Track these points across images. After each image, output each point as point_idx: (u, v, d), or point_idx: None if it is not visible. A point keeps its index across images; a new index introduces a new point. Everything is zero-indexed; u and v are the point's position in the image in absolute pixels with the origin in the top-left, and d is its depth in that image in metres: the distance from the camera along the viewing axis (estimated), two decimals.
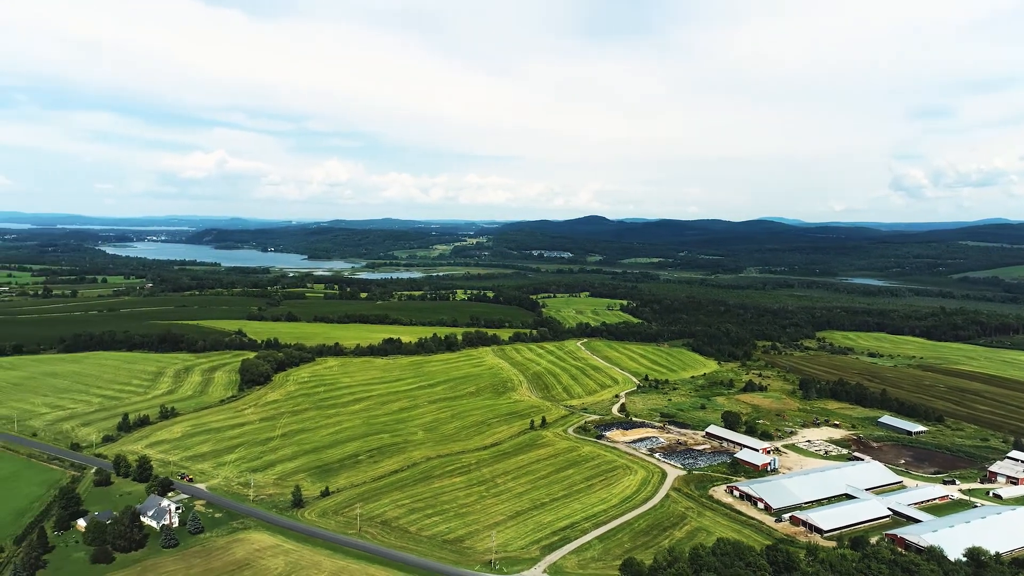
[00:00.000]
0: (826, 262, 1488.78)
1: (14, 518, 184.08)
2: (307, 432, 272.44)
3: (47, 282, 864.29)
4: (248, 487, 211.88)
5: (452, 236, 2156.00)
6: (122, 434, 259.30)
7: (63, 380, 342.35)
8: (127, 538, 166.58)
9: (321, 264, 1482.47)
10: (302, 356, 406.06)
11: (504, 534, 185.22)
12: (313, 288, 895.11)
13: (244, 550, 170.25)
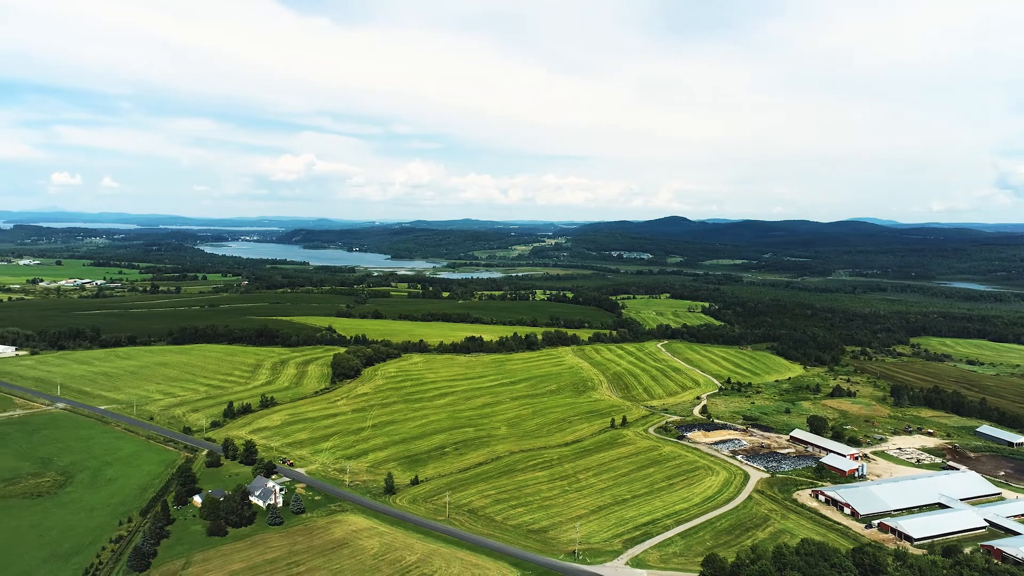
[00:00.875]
0: (923, 265, 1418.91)
1: (138, 492, 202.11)
2: (396, 424, 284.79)
3: (154, 279, 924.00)
4: (343, 473, 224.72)
5: (531, 237, 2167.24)
6: (227, 420, 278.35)
7: (173, 370, 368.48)
8: (238, 514, 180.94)
9: (404, 264, 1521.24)
10: (389, 352, 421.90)
11: (587, 527, 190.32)
12: (397, 287, 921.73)
13: (342, 530, 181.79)
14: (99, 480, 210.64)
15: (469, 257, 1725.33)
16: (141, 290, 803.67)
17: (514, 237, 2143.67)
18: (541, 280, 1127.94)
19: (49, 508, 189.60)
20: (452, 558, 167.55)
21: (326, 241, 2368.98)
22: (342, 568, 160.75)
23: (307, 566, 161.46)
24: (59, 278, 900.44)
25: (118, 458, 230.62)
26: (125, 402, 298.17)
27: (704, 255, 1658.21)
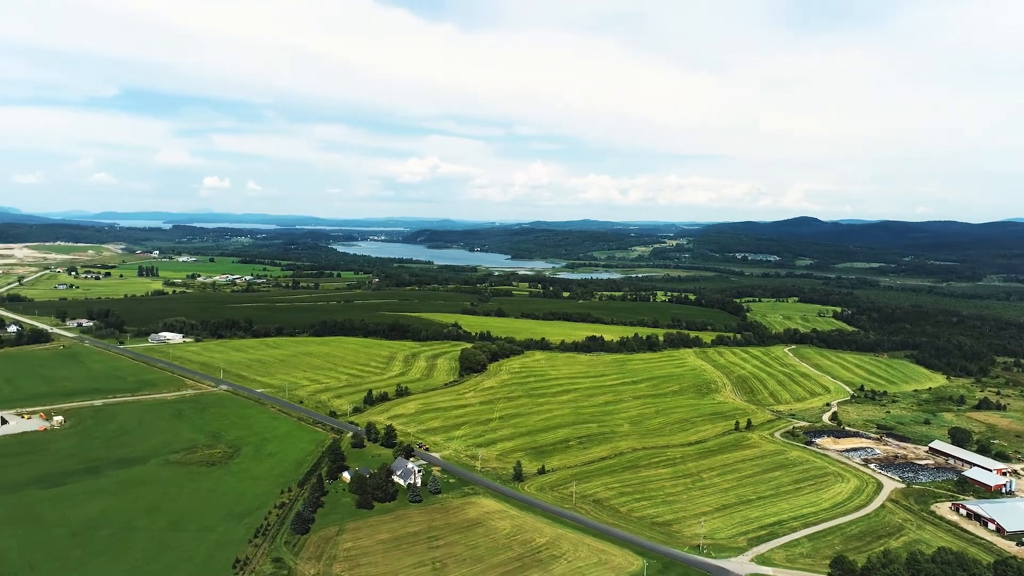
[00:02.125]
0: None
1: (294, 466, 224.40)
2: (521, 417, 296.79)
3: (294, 276, 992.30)
4: (475, 459, 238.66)
5: (651, 238, 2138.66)
6: (367, 407, 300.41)
7: (316, 359, 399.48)
8: (383, 490, 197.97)
9: (523, 263, 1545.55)
10: (512, 349, 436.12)
11: (710, 523, 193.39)
12: (518, 286, 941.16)
13: (476, 511, 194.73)
14: (261, 454, 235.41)
15: (588, 258, 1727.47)
16: (284, 286, 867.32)
17: (633, 238, 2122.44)
18: (661, 281, 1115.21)
19: (222, 475, 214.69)
20: (579, 543, 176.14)
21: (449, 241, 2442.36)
22: (477, 544, 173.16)
23: (446, 540, 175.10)
24: (213, 274, 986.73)
25: (275, 435, 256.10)
26: (277, 386, 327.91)
27: (836, 258, 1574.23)
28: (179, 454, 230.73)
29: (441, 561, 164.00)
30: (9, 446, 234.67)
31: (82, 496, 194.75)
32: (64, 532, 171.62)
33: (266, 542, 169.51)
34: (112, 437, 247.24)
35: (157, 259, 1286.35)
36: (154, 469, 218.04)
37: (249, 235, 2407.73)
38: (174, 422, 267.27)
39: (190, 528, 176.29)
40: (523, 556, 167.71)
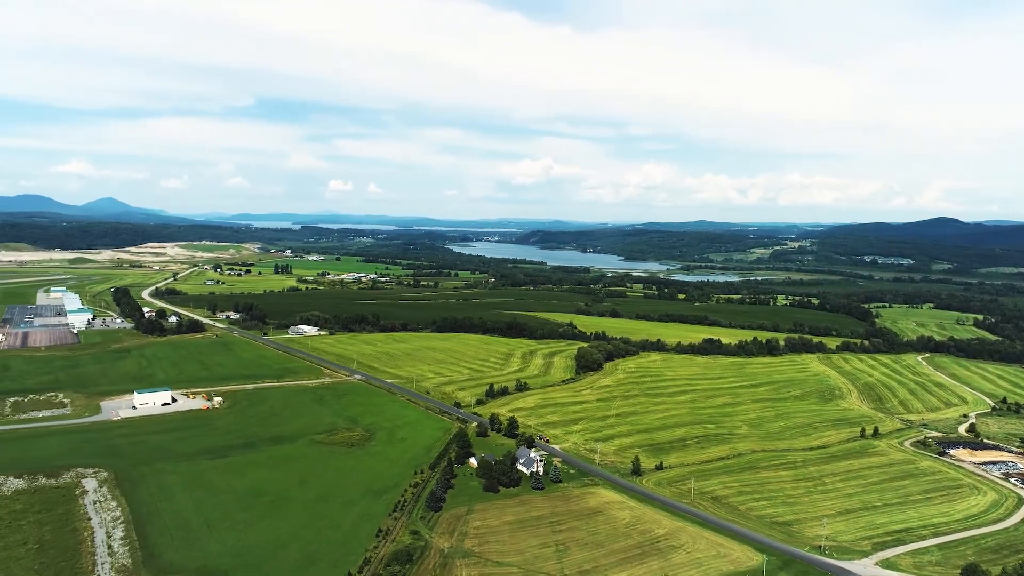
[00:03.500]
0: None
1: (425, 451, 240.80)
2: (638, 415, 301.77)
3: (415, 275, 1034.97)
4: (594, 453, 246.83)
5: (771, 239, 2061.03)
6: (489, 399, 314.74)
7: (439, 353, 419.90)
8: (508, 476, 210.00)
9: (637, 265, 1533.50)
10: (628, 349, 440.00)
11: (833, 526, 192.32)
12: (632, 288, 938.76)
13: (596, 501, 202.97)
14: (394, 438, 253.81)
15: (704, 260, 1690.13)
16: (405, 284, 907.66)
17: (752, 240, 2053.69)
18: (782, 285, 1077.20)
19: (361, 456, 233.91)
20: (698, 536, 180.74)
21: (561, 242, 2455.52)
22: (598, 531, 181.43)
23: (567, 525, 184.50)
24: (340, 272, 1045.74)
25: (406, 422, 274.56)
26: (405, 377, 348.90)
27: (979, 261, 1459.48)
28: (322, 435, 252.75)
29: (564, 544, 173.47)
30: (180, 421, 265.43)
31: (243, 467, 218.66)
32: (231, 497, 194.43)
33: (404, 516, 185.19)
34: (264, 417, 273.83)
35: (290, 258, 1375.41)
36: (302, 447, 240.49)
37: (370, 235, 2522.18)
38: (316, 406, 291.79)
39: (336, 500, 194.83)
40: (642, 544, 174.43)
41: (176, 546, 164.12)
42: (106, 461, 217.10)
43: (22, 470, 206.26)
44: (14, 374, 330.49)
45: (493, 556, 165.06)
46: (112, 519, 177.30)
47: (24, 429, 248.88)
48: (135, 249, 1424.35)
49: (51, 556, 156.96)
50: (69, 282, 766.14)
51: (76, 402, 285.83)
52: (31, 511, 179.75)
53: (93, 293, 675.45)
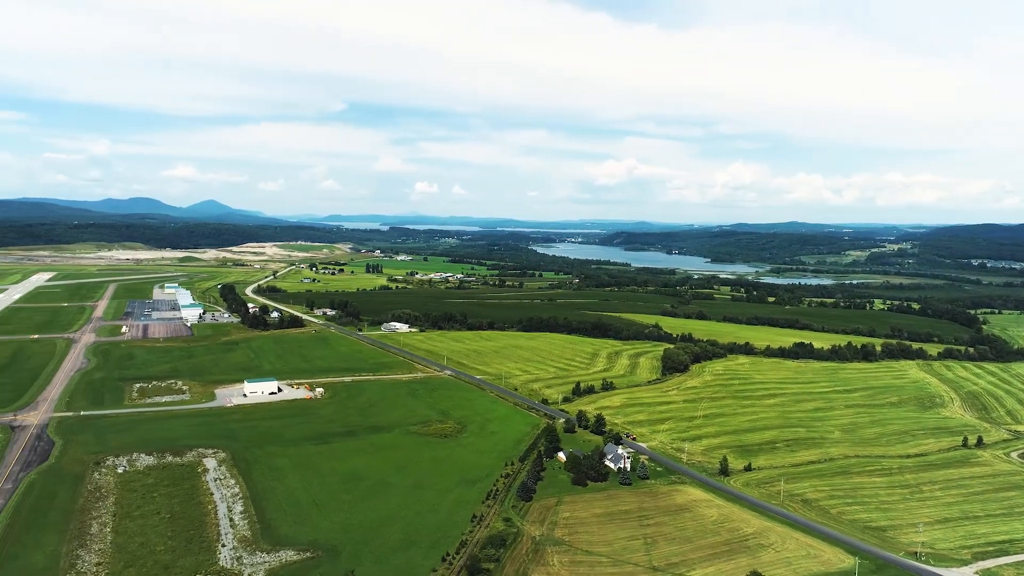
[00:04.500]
0: None
1: (514, 444, 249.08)
2: (725, 417, 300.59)
3: (500, 275, 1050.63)
4: (681, 452, 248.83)
5: (868, 241, 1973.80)
6: (575, 397, 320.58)
7: (525, 352, 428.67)
8: (596, 471, 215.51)
9: (724, 267, 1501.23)
10: (715, 351, 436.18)
11: (930, 533, 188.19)
12: (719, 290, 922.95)
13: (683, 498, 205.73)
14: (485, 431, 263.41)
15: (795, 262, 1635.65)
16: (491, 284, 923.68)
17: (847, 242, 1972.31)
18: (879, 289, 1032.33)
19: (453, 447, 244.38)
20: (787, 536, 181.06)
21: (645, 243, 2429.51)
22: (685, 527, 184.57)
23: (655, 520, 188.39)
24: (428, 272, 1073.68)
25: (495, 416, 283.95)
26: (494, 374, 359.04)
27: None
28: (417, 426, 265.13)
29: (651, 538, 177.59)
30: (286, 409, 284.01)
31: (345, 453, 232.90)
32: (336, 480, 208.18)
33: (496, 504, 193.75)
34: (362, 408, 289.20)
35: (380, 257, 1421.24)
36: (398, 437, 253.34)
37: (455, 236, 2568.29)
38: (410, 399, 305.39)
39: (432, 487, 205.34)
40: (730, 542, 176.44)
41: (289, 521, 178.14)
42: (223, 443, 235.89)
43: (152, 448, 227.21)
44: (138, 362, 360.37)
45: (583, 545, 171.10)
46: (231, 495, 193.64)
47: (150, 412, 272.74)
48: (237, 248, 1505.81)
49: (181, 525, 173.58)
50: (180, 279, 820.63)
51: (193, 389, 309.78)
52: (161, 485, 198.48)
53: (202, 289, 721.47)
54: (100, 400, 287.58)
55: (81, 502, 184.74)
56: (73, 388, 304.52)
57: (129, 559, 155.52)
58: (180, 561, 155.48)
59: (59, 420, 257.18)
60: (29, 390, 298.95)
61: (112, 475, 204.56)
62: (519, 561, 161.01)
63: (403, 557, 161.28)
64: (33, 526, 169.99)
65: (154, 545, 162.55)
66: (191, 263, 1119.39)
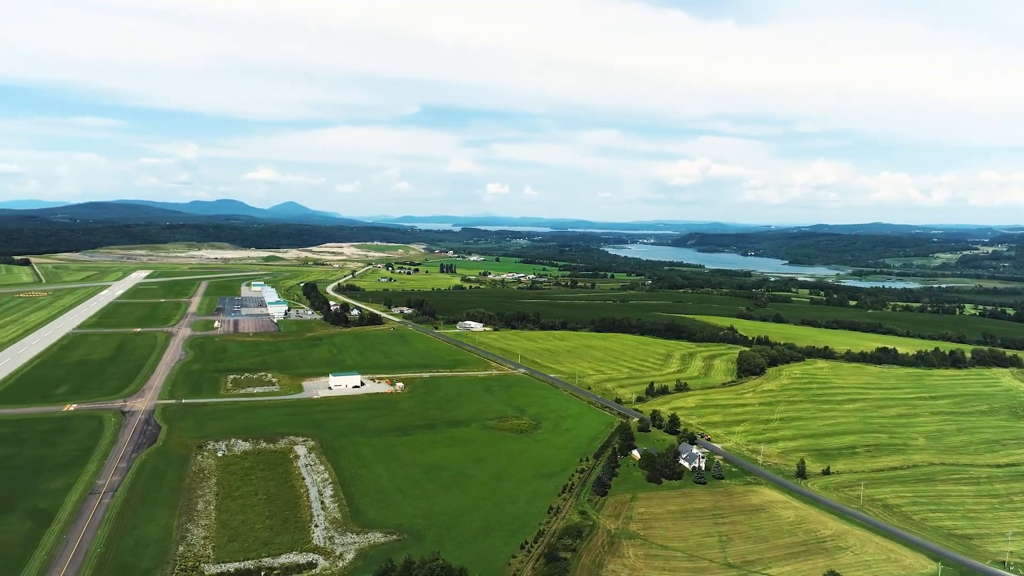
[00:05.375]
0: None
1: (588, 441, 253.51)
2: (803, 420, 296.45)
3: (571, 276, 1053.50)
4: (757, 454, 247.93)
5: (959, 243, 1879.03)
6: (649, 397, 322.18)
7: (598, 352, 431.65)
8: (670, 469, 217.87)
9: (803, 269, 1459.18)
10: (792, 355, 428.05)
11: (1020, 543, 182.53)
12: (797, 292, 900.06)
13: (759, 498, 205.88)
14: (559, 428, 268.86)
15: (879, 264, 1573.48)
16: (563, 284, 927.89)
17: (936, 244, 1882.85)
18: (971, 293, 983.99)
19: (529, 443, 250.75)
20: (866, 540, 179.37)
21: (720, 245, 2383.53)
22: (761, 526, 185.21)
23: (730, 519, 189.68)
24: (500, 272, 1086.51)
25: (569, 414, 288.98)
26: (567, 373, 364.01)
27: None
28: (493, 421, 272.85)
29: (727, 535, 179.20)
30: (368, 402, 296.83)
31: (425, 445, 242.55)
32: (418, 469, 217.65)
33: (572, 498, 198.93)
34: (440, 403, 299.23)
35: (453, 258, 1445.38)
36: (475, 431, 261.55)
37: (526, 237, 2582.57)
38: (485, 395, 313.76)
39: (510, 479, 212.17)
40: (807, 543, 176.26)
41: (376, 506, 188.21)
42: (311, 432, 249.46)
43: (247, 435, 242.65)
44: (231, 356, 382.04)
45: (657, 540, 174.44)
46: (321, 480, 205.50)
47: (244, 401, 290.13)
48: (316, 248, 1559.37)
49: (277, 506, 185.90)
50: (265, 277, 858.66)
51: (282, 381, 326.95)
52: (257, 469, 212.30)
53: (286, 287, 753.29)
54: (198, 389, 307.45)
55: (187, 481, 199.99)
56: (174, 378, 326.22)
57: (232, 534, 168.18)
58: (277, 538, 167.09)
59: (163, 407, 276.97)
60: (135, 379, 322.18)
61: (213, 458, 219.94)
62: (595, 552, 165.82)
63: (483, 543, 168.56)
64: (147, 501, 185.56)
65: (253, 523, 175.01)
66: (274, 262, 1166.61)
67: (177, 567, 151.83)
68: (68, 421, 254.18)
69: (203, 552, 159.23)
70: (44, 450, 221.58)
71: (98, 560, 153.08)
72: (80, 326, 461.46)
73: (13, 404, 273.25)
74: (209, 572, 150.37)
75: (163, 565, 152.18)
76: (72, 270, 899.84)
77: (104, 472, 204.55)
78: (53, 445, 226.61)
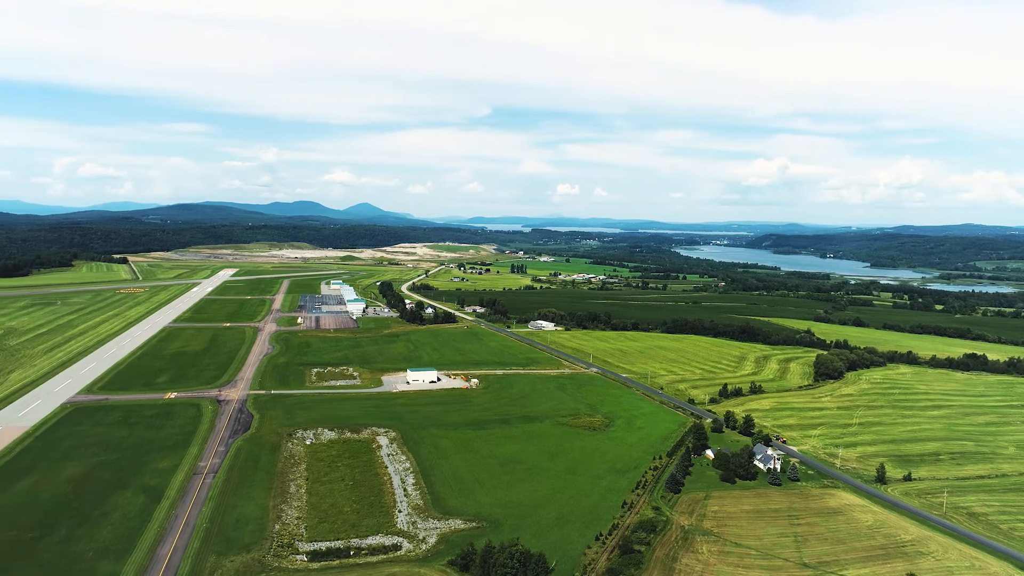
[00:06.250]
0: None
1: (661, 440, 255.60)
2: (883, 426, 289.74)
3: (642, 277, 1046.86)
4: (834, 457, 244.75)
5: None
6: (722, 399, 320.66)
7: (670, 353, 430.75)
8: (745, 469, 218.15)
9: (885, 272, 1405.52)
10: (873, 360, 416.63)
11: None
12: (879, 296, 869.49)
13: (836, 501, 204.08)
14: (632, 426, 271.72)
15: (969, 268, 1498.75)
16: (634, 286, 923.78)
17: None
18: None
19: (601, 440, 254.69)
20: (949, 546, 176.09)
21: (797, 246, 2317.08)
22: (838, 528, 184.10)
23: (806, 520, 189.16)
24: (570, 272, 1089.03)
25: (642, 413, 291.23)
26: (639, 373, 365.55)
27: None
28: (566, 418, 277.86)
29: (802, 536, 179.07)
30: (445, 397, 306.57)
31: (500, 439, 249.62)
32: (494, 462, 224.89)
33: (645, 494, 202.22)
34: (514, 399, 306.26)
35: (523, 258, 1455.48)
36: (548, 427, 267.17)
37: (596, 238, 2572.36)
38: (558, 393, 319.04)
39: (583, 474, 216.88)
40: (886, 546, 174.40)
41: (455, 495, 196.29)
42: (392, 423, 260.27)
43: (332, 424, 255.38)
44: (314, 350, 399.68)
45: (731, 538, 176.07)
46: (403, 469, 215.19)
47: (328, 393, 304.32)
48: (390, 248, 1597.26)
49: (362, 492, 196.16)
50: (343, 276, 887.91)
51: (363, 375, 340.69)
52: (343, 457, 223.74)
53: (363, 286, 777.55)
54: (286, 381, 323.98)
55: (280, 466, 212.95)
56: (263, 370, 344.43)
57: (322, 516, 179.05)
58: (364, 521, 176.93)
59: (255, 397, 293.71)
60: (228, 370, 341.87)
61: (302, 445, 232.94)
62: (669, 546, 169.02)
63: (559, 533, 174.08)
64: (244, 483, 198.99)
65: (342, 506, 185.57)
66: (351, 262, 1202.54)
67: (274, 543, 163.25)
68: (170, 407, 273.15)
69: (297, 531, 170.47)
70: (151, 433, 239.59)
71: (204, 533, 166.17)
72: (175, 320, 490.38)
73: (122, 391, 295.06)
74: (304, 549, 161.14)
75: (262, 541, 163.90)
76: (165, 268, 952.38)
77: (205, 455, 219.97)
78: (159, 429, 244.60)
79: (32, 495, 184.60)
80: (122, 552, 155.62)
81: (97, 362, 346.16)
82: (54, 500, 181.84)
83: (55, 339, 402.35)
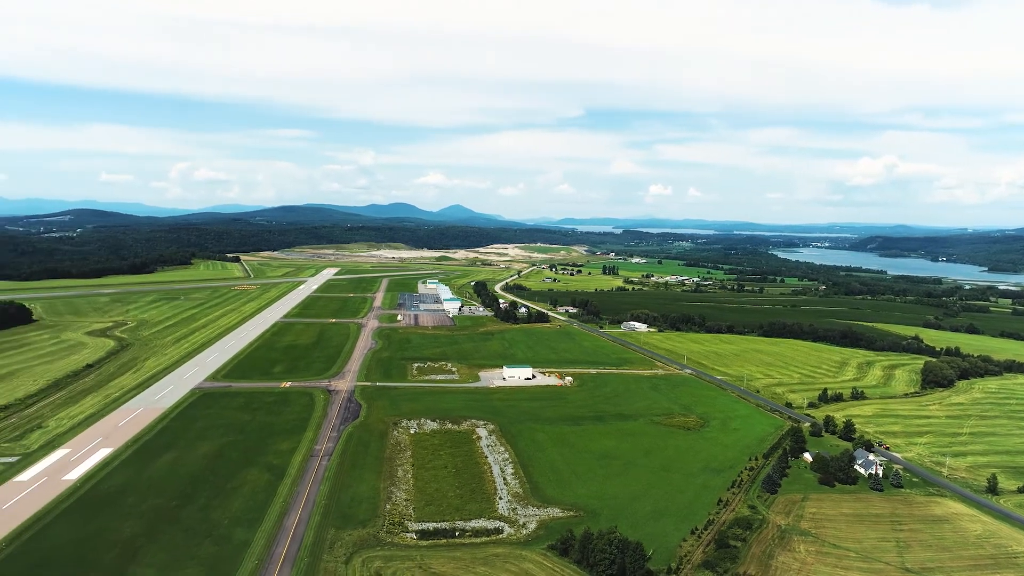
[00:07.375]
0: None
1: (757, 442, 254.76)
2: (997, 437, 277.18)
3: (738, 279, 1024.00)
4: (940, 466, 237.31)
5: None
6: (821, 404, 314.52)
7: (766, 356, 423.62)
8: (845, 473, 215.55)
9: (1005, 277, 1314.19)
10: (988, 368, 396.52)
11: None
12: (997, 302, 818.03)
13: (941, 510, 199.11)
14: (727, 427, 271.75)
15: None
16: (729, 288, 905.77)
17: None
18: None
19: (696, 439, 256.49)
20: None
21: (905, 249, 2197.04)
22: (944, 536, 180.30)
23: (909, 527, 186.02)
24: (663, 274, 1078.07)
25: (737, 415, 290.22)
26: (734, 376, 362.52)
27: None
28: (660, 417, 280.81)
29: (905, 542, 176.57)
30: (540, 393, 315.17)
31: (595, 435, 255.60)
32: (590, 456, 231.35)
33: (741, 493, 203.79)
34: (608, 397, 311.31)
35: (614, 260, 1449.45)
36: (642, 425, 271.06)
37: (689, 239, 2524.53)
38: (652, 393, 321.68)
39: (678, 471, 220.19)
40: (996, 556, 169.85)
41: (552, 485, 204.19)
42: (490, 417, 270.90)
43: (434, 416, 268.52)
44: (414, 346, 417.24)
45: (830, 539, 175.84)
46: (502, 459, 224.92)
47: (429, 387, 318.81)
48: (482, 249, 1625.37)
49: (464, 479, 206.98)
50: (438, 276, 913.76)
51: (461, 371, 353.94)
52: (445, 446, 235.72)
53: (458, 286, 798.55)
54: (389, 374, 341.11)
55: (387, 452, 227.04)
56: (368, 363, 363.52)
57: (428, 499, 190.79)
58: (467, 506, 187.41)
59: (361, 388, 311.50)
60: (336, 363, 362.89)
61: (406, 434, 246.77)
62: (765, 543, 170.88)
63: (654, 526, 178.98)
64: (356, 466, 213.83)
65: (446, 491, 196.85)
66: (445, 262, 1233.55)
67: (386, 521, 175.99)
68: (286, 395, 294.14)
69: (406, 511, 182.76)
70: (271, 418, 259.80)
71: (324, 509, 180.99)
72: (286, 316, 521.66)
73: (243, 379, 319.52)
74: (413, 528, 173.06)
75: (375, 519, 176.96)
76: (273, 267, 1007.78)
77: (320, 439, 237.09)
78: (277, 414, 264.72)
79: (173, 469, 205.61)
80: (253, 521, 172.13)
81: (219, 352, 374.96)
82: (192, 474, 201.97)
83: (181, 331, 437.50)
